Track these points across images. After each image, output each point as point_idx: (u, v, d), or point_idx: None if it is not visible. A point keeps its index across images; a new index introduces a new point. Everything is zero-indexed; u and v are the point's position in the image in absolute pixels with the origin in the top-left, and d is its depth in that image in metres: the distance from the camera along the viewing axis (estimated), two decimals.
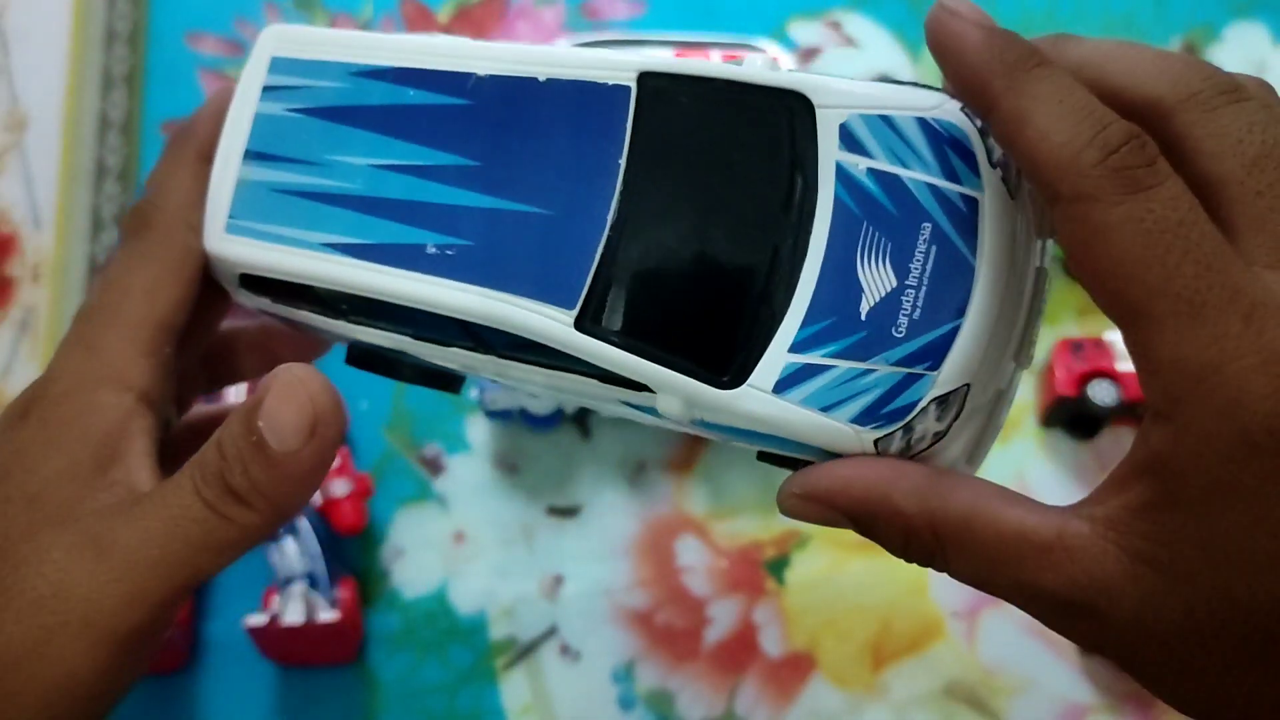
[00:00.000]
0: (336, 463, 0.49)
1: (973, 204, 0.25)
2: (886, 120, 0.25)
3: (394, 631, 0.48)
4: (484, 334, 0.27)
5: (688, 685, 0.48)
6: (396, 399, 0.52)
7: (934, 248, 0.24)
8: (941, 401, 0.24)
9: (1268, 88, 0.23)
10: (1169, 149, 0.22)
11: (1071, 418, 0.50)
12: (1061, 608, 0.22)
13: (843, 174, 0.25)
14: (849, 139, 0.25)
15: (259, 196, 0.29)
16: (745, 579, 0.49)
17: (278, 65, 0.30)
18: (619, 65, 0.26)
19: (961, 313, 0.24)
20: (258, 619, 0.45)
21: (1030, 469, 0.50)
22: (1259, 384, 0.20)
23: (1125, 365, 0.48)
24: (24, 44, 0.57)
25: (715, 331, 0.25)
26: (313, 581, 0.46)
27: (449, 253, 0.27)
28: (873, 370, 0.24)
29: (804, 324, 0.24)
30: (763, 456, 0.27)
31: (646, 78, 0.26)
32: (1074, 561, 0.22)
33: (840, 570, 0.49)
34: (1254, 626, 0.21)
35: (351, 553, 0.49)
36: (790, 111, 0.25)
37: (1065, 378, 0.48)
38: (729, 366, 0.25)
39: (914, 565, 0.25)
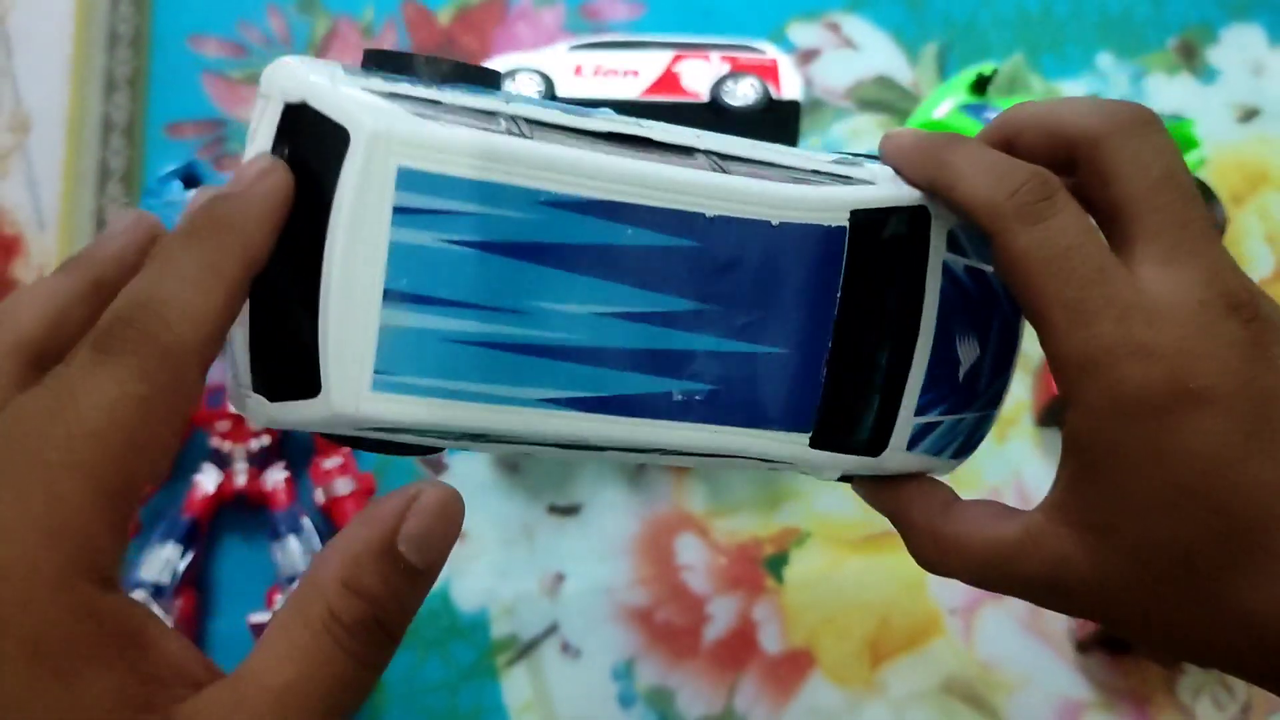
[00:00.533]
0: (339, 462, 0.49)
1: None
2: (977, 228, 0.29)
3: None
4: None
5: (687, 682, 0.48)
6: None
7: (999, 322, 0.31)
8: None
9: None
10: (1099, 174, 0.27)
11: None
12: (1043, 589, 0.27)
13: (947, 270, 0.29)
14: (954, 242, 0.29)
15: (423, 348, 0.24)
16: (744, 577, 0.49)
17: (412, 180, 0.23)
18: (836, 204, 0.28)
19: (1012, 365, 0.32)
20: (261, 617, 0.45)
21: (1026, 467, 0.51)
22: (1131, 371, 0.24)
23: None
24: (27, 46, 0.58)
25: (875, 417, 0.30)
26: None
27: (697, 398, 0.27)
28: (964, 418, 0.31)
29: (922, 392, 0.30)
30: None
31: (855, 214, 0.28)
32: (1040, 547, 0.26)
33: (839, 568, 0.50)
34: (1182, 564, 0.24)
35: None
36: (925, 225, 0.29)
37: None
38: (878, 438, 0.30)
39: (912, 563, 0.29)
